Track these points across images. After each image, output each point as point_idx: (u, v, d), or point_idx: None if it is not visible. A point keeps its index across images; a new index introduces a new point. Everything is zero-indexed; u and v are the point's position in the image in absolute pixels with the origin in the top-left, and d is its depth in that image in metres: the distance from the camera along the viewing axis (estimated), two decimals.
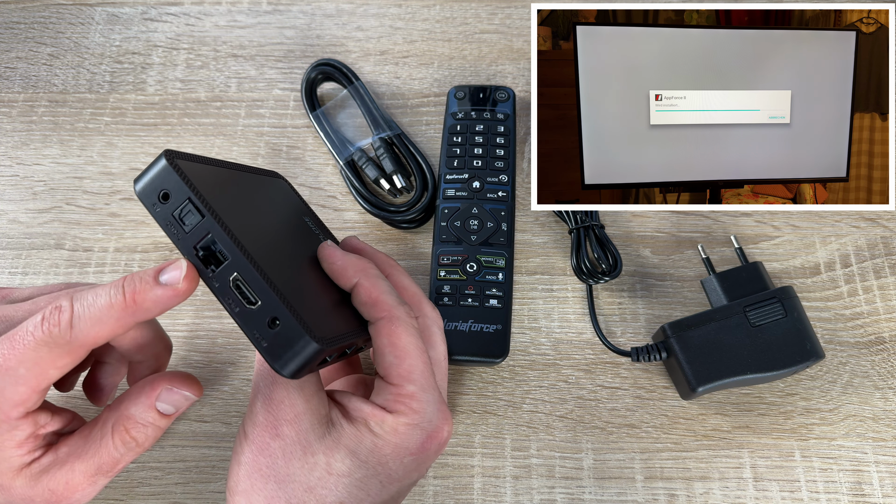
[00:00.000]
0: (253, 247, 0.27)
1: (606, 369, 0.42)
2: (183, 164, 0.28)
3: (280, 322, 0.26)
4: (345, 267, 0.32)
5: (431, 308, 0.36)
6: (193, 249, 0.27)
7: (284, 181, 0.39)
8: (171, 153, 0.28)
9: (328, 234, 0.38)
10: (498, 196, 0.45)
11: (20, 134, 0.50)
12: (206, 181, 0.29)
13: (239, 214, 0.29)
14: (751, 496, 0.39)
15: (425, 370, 0.31)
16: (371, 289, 0.31)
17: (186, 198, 0.27)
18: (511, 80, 0.51)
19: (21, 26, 0.55)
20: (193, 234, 0.27)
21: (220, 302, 0.27)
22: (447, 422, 0.31)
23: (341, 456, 0.29)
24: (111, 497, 0.39)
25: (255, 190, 0.34)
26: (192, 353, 0.43)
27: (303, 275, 0.31)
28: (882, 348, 0.42)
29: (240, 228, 0.28)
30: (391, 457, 0.30)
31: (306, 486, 0.29)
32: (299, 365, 0.27)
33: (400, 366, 0.30)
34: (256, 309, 0.27)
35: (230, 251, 0.27)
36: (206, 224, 0.27)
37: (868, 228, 0.46)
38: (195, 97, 0.51)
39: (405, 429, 0.30)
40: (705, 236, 0.46)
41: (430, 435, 0.30)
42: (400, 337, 0.31)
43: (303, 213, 0.38)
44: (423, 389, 0.30)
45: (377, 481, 0.30)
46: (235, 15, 0.55)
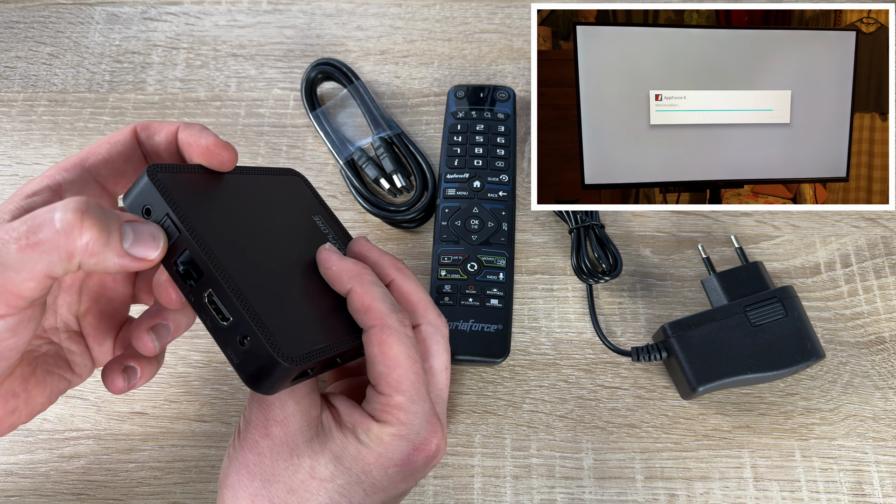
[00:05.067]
0: (231, 261, 0.27)
1: (606, 369, 0.42)
2: (166, 177, 0.28)
3: (249, 340, 0.26)
4: (339, 273, 0.31)
5: (437, 315, 0.35)
6: (173, 264, 0.28)
7: (300, 178, 0.38)
8: (156, 168, 0.28)
9: (341, 232, 0.37)
10: (498, 196, 0.45)
11: (20, 133, 0.50)
12: (192, 193, 0.29)
13: (224, 225, 0.29)
14: (751, 496, 0.39)
15: (416, 381, 0.30)
16: (364, 296, 0.31)
17: (165, 213, 0.27)
18: (511, 80, 0.51)
19: (21, 26, 0.54)
20: (172, 250, 0.27)
21: (199, 316, 0.28)
22: (436, 435, 0.31)
23: (325, 460, 0.29)
24: (111, 497, 0.39)
25: (257, 193, 0.34)
26: (192, 352, 0.43)
27: (297, 280, 0.31)
28: (882, 348, 0.42)
29: (222, 241, 0.28)
30: (375, 466, 0.29)
31: (289, 488, 0.29)
32: (269, 383, 0.27)
33: (389, 375, 0.30)
34: (228, 326, 0.27)
35: (204, 268, 0.27)
36: (183, 240, 0.27)
37: (868, 228, 0.46)
38: (195, 97, 0.51)
39: (390, 439, 0.29)
40: (705, 236, 0.46)
41: (416, 447, 0.30)
42: (391, 346, 0.30)
43: (314, 211, 0.37)
44: (412, 400, 0.30)
45: (360, 489, 0.29)
46: (235, 14, 0.54)
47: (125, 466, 0.40)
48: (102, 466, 0.40)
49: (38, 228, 0.24)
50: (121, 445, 0.41)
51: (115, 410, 0.41)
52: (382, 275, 0.34)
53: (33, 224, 0.24)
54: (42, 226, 0.24)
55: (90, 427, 0.41)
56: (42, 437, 0.41)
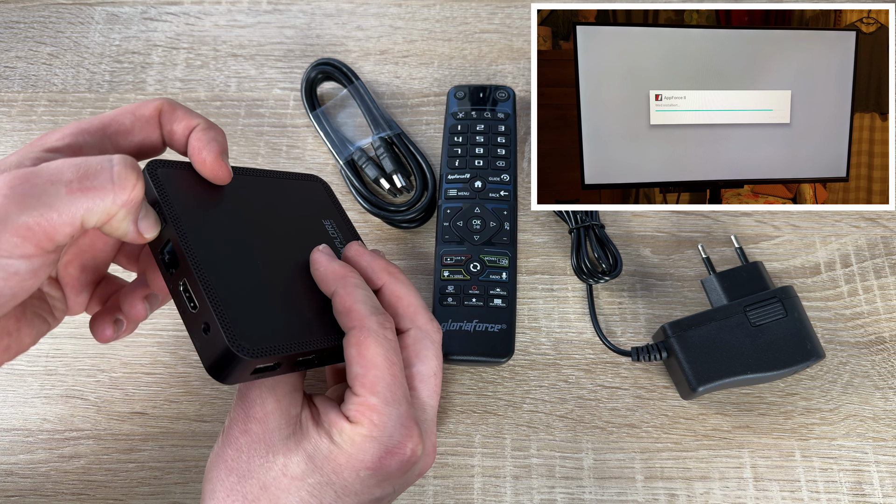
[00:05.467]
0: (209, 254, 0.29)
1: (606, 369, 0.42)
2: (164, 173, 0.30)
3: (210, 329, 0.28)
4: (326, 274, 0.32)
5: (428, 320, 0.34)
6: (159, 253, 0.29)
7: (320, 183, 0.40)
8: (155, 163, 0.30)
9: (353, 238, 0.38)
10: (500, 195, 0.45)
11: (20, 133, 0.50)
12: (188, 190, 0.31)
13: (214, 222, 0.31)
14: (751, 496, 0.39)
15: (392, 383, 0.30)
16: (345, 297, 0.31)
17: (156, 205, 0.29)
18: (511, 80, 0.51)
19: (21, 26, 0.54)
20: (158, 239, 0.29)
21: (175, 302, 0.29)
22: (411, 439, 0.30)
23: (298, 459, 0.29)
24: (111, 497, 0.39)
25: (266, 195, 0.35)
26: (192, 352, 0.43)
27: (286, 281, 0.32)
28: (882, 348, 0.42)
29: (203, 235, 0.29)
30: (346, 467, 0.29)
31: (262, 484, 0.29)
32: (225, 373, 0.28)
33: (365, 376, 0.30)
34: (195, 314, 0.28)
35: (181, 258, 0.29)
36: (167, 231, 0.29)
37: (868, 228, 0.46)
38: (195, 97, 0.51)
39: (361, 440, 0.29)
40: (705, 236, 0.46)
41: (388, 450, 0.30)
42: (368, 348, 0.30)
43: (326, 216, 0.38)
44: (387, 403, 0.30)
45: (331, 490, 0.29)
46: (235, 14, 0.54)
47: (125, 466, 0.40)
48: (102, 466, 0.40)
49: (93, 175, 0.25)
50: (121, 445, 0.41)
51: (115, 410, 0.41)
52: (373, 279, 0.34)
53: (87, 170, 0.25)
54: (98, 174, 0.25)
55: (90, 427, 0.41)
56: (42, 437, 0.41)
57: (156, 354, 0.43)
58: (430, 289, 0.44)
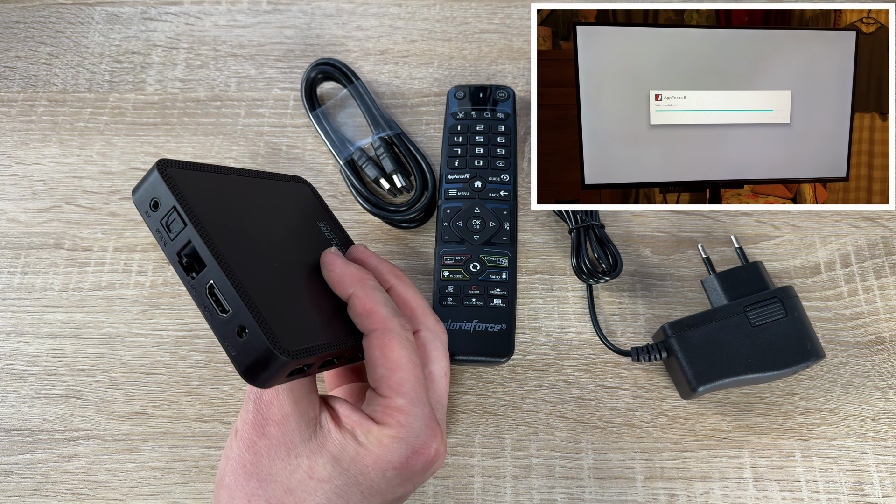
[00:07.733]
0: (235, 255, 0.28)
1: (606, 369, 0.42)
2: (175, 173, 0.29)
3: (248, 332, 0.27)
4: (342, 276, 0.32)
5: (435, 322, 0.35)
6: (177, 256, 0.28)
7: (307, 186, 0.39)
8: (165, 163, 0.29)
9: (345, 240, 0.38)
10: (500, 195, 0.45)
11: (20, 133, 0.50)
12: (200, 190, 0.29)
13: (230, 222, 0.30)
14: (751, 496, 0.39)
15: (416, 384, 0.30)
16: (365, 300, 0.31)
17: (172, 206, 0.28)
18: (511, 80, 0.51)
19: (21, 26, 0.54)
20: (177, 241, 0.28)
21: (199, 309, 0.28)
22: (435, 439, 0.31)
23: (323, 461, 0.29)
24: (111, 497, 0.39)
25: (262, 196, 0.35)
26: (191, 352, 0.43)
27: (300, 282, 0.31)
28: (882, 348, 0.42)
29: (225, 236, 0.28)
30: (373, 468, 0.29)
31: (286, 488, 0.29)
32: (265, 376, 0.27)
33: (390, 378, 0.30)
34: (228, 317, 0.27)
35: (207, 259, 0.27)
36: (188, 232, 0.28)
37: (868, 228, 0.46)
38: (195, 97, 0.51)
39: (389, 441, 0.29)
40: (705, 236, 0.46)
41: (415, 450, 0.30)
42: (392, 349, 0.30)
43: (319, 218, 0.38)
44: (413, 403, 0.30)
45: (358, 491, 0.29)
46: (235, 14, 0.54)
47: (125, 466, 0.40)
48: (102, 466, 0.40)
49: None
50: (121, 445, 0.41)
51: (115, 410, 0.41)
52: (381, 281, 0.34)
53: None
54: None
55: (90, 427, 0.41)
56: (42, 437, 0.41)
57: (156, 354, 0.43)
58: (430, 289, 0.44)
